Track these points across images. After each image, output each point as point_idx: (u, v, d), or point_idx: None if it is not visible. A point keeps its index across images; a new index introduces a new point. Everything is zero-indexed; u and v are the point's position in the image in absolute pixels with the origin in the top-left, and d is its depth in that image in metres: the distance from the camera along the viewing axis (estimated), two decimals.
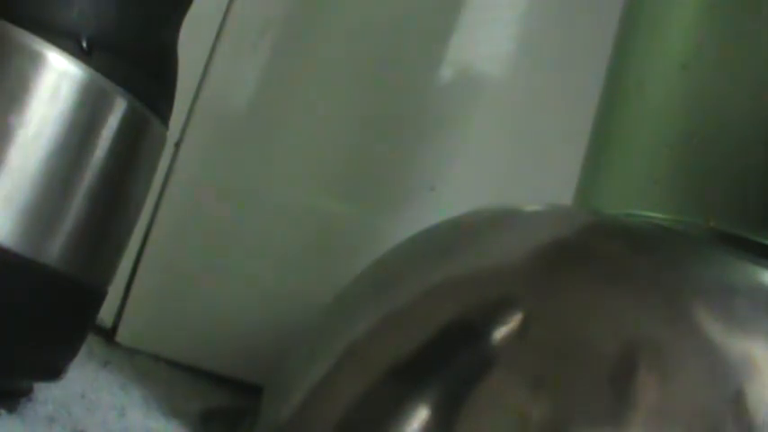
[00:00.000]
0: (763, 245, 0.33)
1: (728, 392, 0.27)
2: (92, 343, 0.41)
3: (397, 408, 0.28)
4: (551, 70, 0.51)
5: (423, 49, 0.49)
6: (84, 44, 0.29)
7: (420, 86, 0.50)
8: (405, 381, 0.29)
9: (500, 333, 0.29)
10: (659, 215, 0.34)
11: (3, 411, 0.31)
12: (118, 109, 0.30)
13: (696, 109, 0.34)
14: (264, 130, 0.47)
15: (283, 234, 0.47)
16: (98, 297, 0.33)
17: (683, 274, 0.31)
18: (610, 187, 0.37)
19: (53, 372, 0.32)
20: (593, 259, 0.32)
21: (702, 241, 0.33)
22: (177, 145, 0.45)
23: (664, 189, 0.34)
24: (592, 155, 0.38)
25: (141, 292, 0.45)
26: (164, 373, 0.44)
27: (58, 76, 0.29)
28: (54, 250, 0.29)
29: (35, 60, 0.28)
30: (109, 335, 0.44)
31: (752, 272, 0.32)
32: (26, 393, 0.33)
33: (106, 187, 0.31)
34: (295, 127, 0.47)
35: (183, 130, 0.45)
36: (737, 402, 0.27)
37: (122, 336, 0.44)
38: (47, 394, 0.34)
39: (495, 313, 0.30)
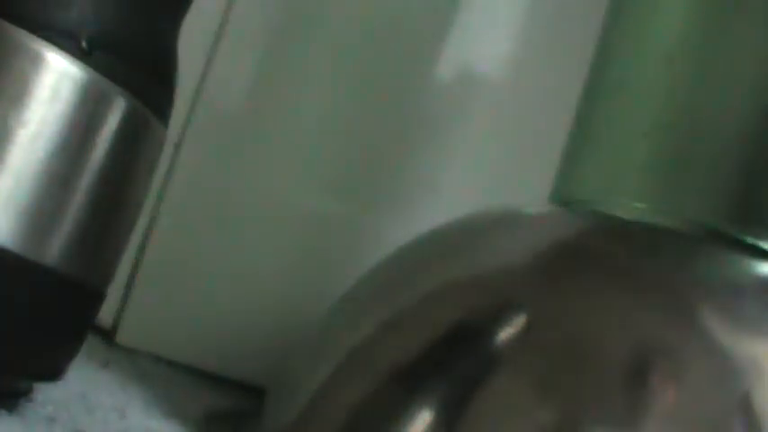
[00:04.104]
0: (735, 237, 0.33)
1: (736, 394, 0.27)
2: (92, 343, 0.41)
3: (401, 410, 0.28)
4: (551, 70, 0.51)
5: (424, 49, 0.49)
6: (84, 44, 0.29)
7: (421, 87, 0.50)
8: (408, 383, 0.29)
9: (504, 335, 0.29)
10: (635, 205, 0.34)
11: (3, 411, 0.31)
12: (118, 109, 0.30)
13: (677, 101, 0.34)
14: (264, 130, 0.47)
15: (284, 235, 0.47)
16: (98, 297, 0.33)
17: (689, 276, 0.31)
18: (588, 176, 0.37)
19: (53, 372, 0.32)
20: (597, 261, 0.32)
21: (707, 242, 0.33)
22: (177, 145, 0.44)
23: (640, 178, 0.34)
24: (571, 145, 0.38)
25: (141, 292, 0.45)
26: (164, 373, 0.44)
27: (58, 76, 0.29)
28: (54, 250, 0.29)
29: (35, 60, 0.28)
30: (109, 335, 0.44)
31: (758, 273, 0.32)
32: (26, 393, 0.33)
33: (106, 187, 0.31)
34: (295, 127, 0.47)
35: (183, 130, 0.45)
36: (745, 404, 0.27)
37: (122, 336, 0.44)
38: (47, 394, 0.34)
39: (499, 315, 0.30)
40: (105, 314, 0.43)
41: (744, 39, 0.33)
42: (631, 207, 0.34)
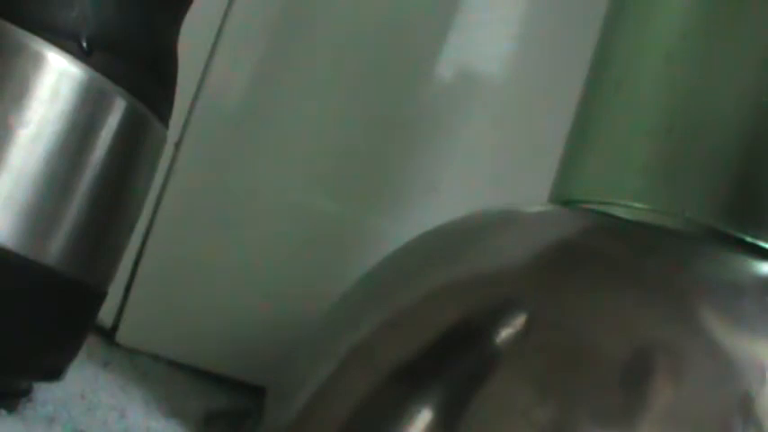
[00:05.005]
0: (735, 237, 0.33)
1: (736, 394, 0.27)
2: (92, 343, 0.41)
3: (402, 410, 0.28)
4: (551, 70, 0.51)
5: (424, 49, 0.49)
6: (84, 44, 0.29)
7: (422, 87, 0.50)
8: (409, 383, 0.29)
9: (504, 335, 0.29)
10: (635, 205, 0.34)
11: (3, 411, 0.31)
12: (118, 109, 0.30)
13: (677, 100, 0.34)
14: (264, 130, 0.47)
15: (284, 235, 0.47)
16: (98, 297, 0.33)
17: (690, 276, 0.31)
18: (588, 176, 0.37)
19: (53, 372, 0.32)
20: (598, 260, 0.32)
21: (707, 242, 0.33)
22: (177, 145, 0.44)
23: (640, 179, 0.34)
24: (571, 145, 0.38)
25: (141, 292, 0.45)
26: (164, 373, 0.44)
27: (58, 76, 0.29)
28: (54, 250, 0.29)
29: (35, 60, 0.28)
30: (109, 335, 0.44)
31: (758, 273, 0.32)
32: (26, 393, 0.33)
33: (106, 187, 0.31)
34: (296, 127, 0.47)
35: (183, 130, 0.45)
36: (745, 404, 0.27)
37: (122, 336, 0.44)
38: (47, 394, 0.34)
39: (499, 315, 0.30)
40: (105, 314, 0.43)
41: (744, 38, 0.33)
42: (631, 207, 0.34)
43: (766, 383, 0.27)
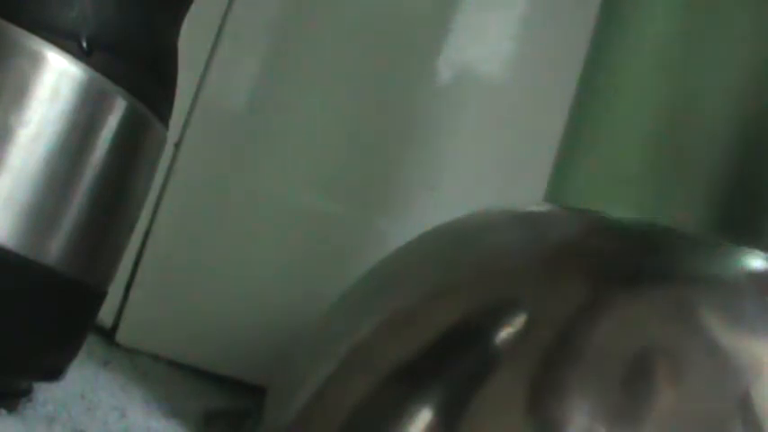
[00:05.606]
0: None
1: (736, 394, 0.27)
2: (92, 343, 0.41)
3: (402, 410, 0.28)
4: (551, 70, 0.51)
5: (423, 49, 0.49)
6: (84, 44, 0.29)
7: (420, 86, 0.50)
8: (409, 383, 0.29)
9: (504, 335, 0.29)
10: (628, 213, 0.34)
11: (3, 411, 0.31)
12: (118, 109, 0.30)
13: (669, 107, 0.34)
14: (264, 130, 0.47)
15: (283, 234, 0.47)
16: (98, 297, 0.33)
17: (690, 276, 0.31)
18: (579, 184, 0.37)
19: (53, 372, 0.32)
20: (597, 260, 0.32)
21: (708, 242, 0.33)
22: (177, 145, 0.45)
23: (633, 187, 0.34)
24: (563, 152, 0.38)
25: (141, 292, 0.45)
26: (164, 373, 0.44)
27: (58, 76, 0.29)
28: (54, 250, 0.29)
29: (35, 60, 0.28)
30: (109, 335, 0.44)
31: (759, 273, 0.32)
32: (26, 393, 0.33)
33: (106, 187, 0.31)
34: (295, 127, 0.47)
35: (183, 130, 0.45)
36: (745, 404, 0.27)
37: (122, 336, 0.44)
38: (47, 394, 0.34)
39: (499, 315, 0.30)
40: (105, 314, 0.43)
41: (737, 45, 0.33)
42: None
43: (766, 384, 0.27)
